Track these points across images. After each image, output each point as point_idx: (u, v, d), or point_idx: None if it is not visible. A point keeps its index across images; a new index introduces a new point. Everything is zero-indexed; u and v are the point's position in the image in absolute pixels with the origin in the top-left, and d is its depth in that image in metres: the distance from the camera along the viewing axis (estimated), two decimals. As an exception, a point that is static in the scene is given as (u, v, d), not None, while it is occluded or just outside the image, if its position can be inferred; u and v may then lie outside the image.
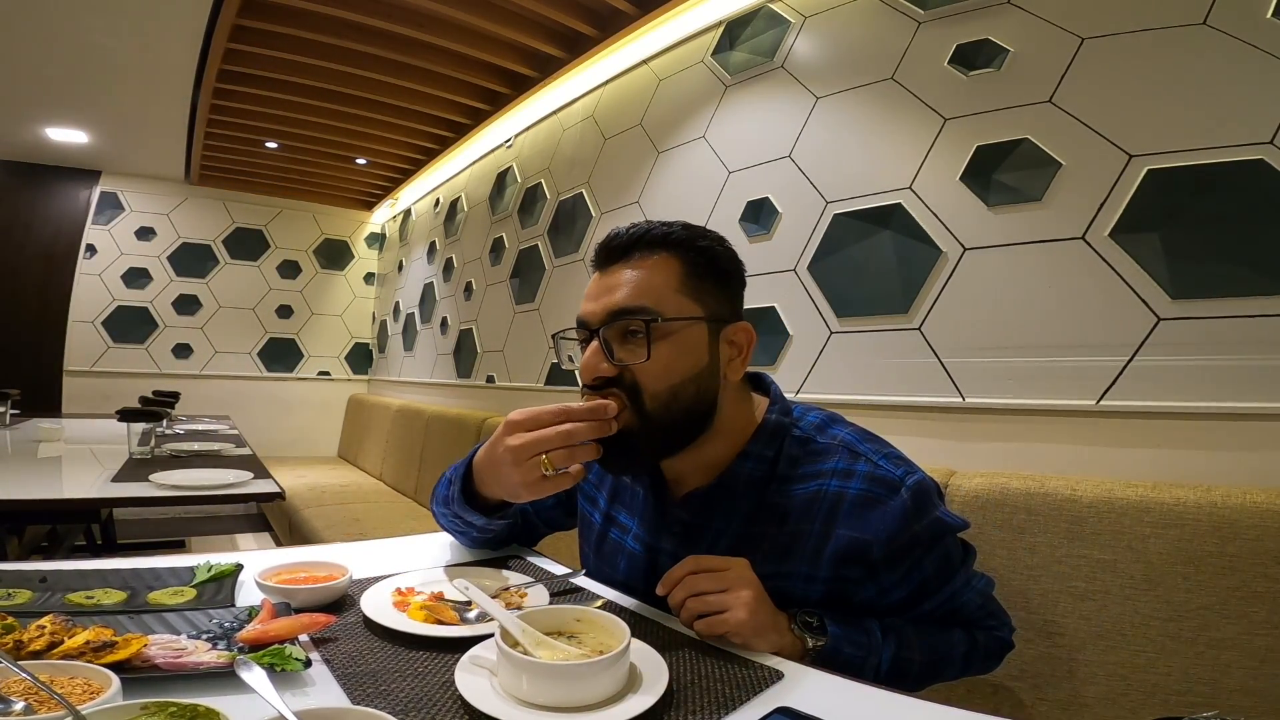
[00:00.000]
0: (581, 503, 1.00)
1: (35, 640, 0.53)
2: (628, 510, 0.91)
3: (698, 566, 0.72)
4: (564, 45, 2.62)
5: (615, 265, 0.79)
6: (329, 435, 4.95)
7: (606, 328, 0.76)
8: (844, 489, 0.75)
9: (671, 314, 0.75)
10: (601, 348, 0.75)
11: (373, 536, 1.20)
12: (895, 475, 0.75)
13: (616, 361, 0.75)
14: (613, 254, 0.79)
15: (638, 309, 0.74)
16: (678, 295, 0.76)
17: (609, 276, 0.78)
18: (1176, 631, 0.94)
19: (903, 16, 1.64)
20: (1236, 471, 1.06)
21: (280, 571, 0.77)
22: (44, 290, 4.12)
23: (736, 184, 2.01)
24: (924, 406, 1.47)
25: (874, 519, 0.73)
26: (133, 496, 1.66)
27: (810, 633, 0.71)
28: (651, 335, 0.73)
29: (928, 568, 0.76)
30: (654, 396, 0.74)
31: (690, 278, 0.77)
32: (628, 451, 0.76)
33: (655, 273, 0.76)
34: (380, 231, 5.26)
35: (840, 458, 0.78)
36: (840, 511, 0.75)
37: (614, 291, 0.76)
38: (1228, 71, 1.12)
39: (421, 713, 0.51)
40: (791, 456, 0.80)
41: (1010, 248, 1.37)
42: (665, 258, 0.77)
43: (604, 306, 0.76)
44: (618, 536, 0.91)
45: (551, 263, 2.89)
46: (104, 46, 2.63)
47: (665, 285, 0.76)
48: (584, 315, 0.79)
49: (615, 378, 0.75)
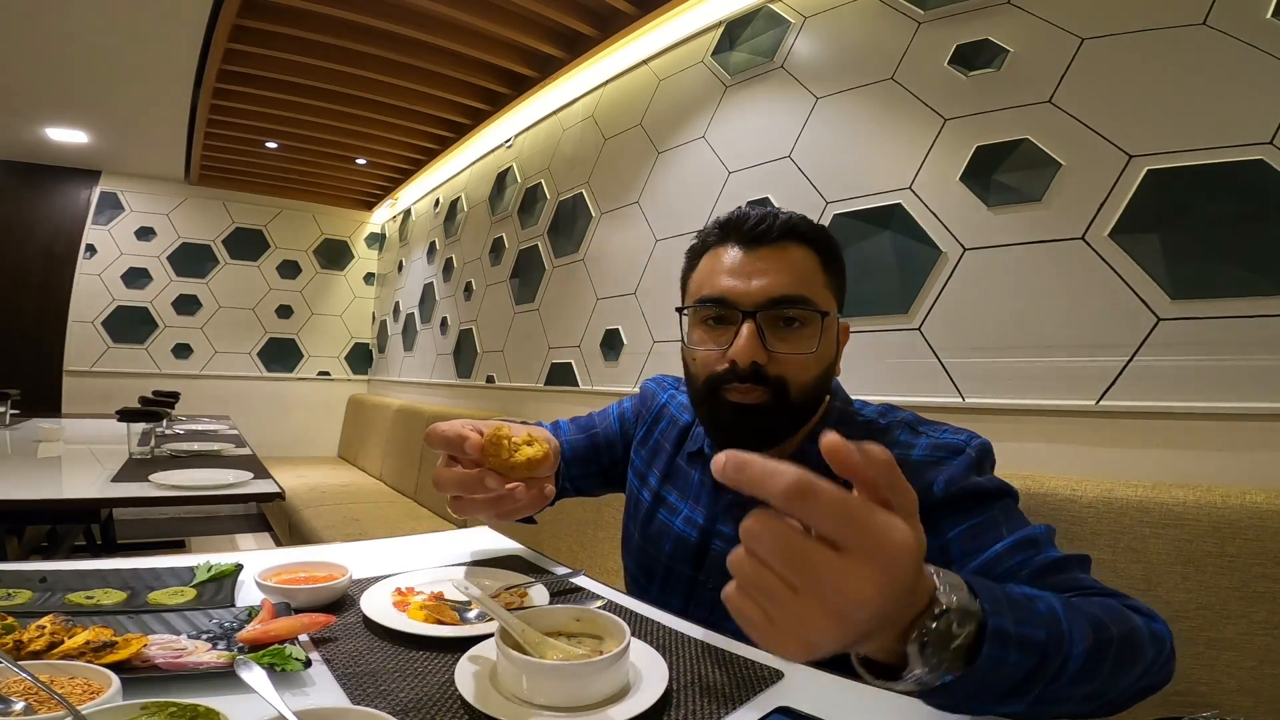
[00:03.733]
0: (631, 479, 1.00)
1: (35, 640, 0.53)
2: (679, 492, 0.91)
3: (770, 539, 0.38)
4: (564, 45, 2.62)
5: (764, 248, 0.76)
6: (329, 435, 4.95)
7: (765, 312, 0.74)
8: (906, 454, 0.75)
9: (825, 307, 0.76)
10: (758, 333, 0.73)
11: (373, 536, 1.20)
12: (959, 440, 0.75)
13: (770, 349, 0.74)
14: (764, 236, 0.77)
15: (800, 298, 0.74)
16: (824, 289, 0.77)
17: (759, 259, 0.76)
18: (1176, 631, 0.93)
19: (902, 17, 1.64)
20: (1236, 471, 1.06)
21: (280, 571, 0.77)
22: (44, 290, 4.12)
23: (736, 184, 2.01)
24: (924, 406, 1.47)
25: (936, 471, 0.72)
26: (133, 496, 1.66)
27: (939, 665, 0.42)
28: (823, 328, 0.74)
29: (995, 511, 0.69)
30: (801, 387, 0.75)
31: (826, 271, 0.78)
32: (761, 437, 0.76)
33: (805, 263, 0.76)
34: (380, 231, 5.26)
35: (902, 432, 0.78)
36: (904, 473, 0.68)
37: (769, 275, 0.75)
38: (1228, 71, 1.12)
39: (421, 713, 0.51)
40: (855, 438, 0.76)
41: (1010, 248, 1.37)
42: (809, 251, 0.77)
43: (763, 291, 0.74)
44: (665, 517, 0.90)
45: (551, 263, 2.89)
46: (104, 46, 2.63)
47: (815, 277, 0.77)
48: (733, 295, 0.76)
49: (763, 366, 0.74)
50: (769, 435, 0.77)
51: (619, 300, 2.44)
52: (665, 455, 0.95)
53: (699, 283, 0.81)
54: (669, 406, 1.00)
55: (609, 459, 1.04)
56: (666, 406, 1.00)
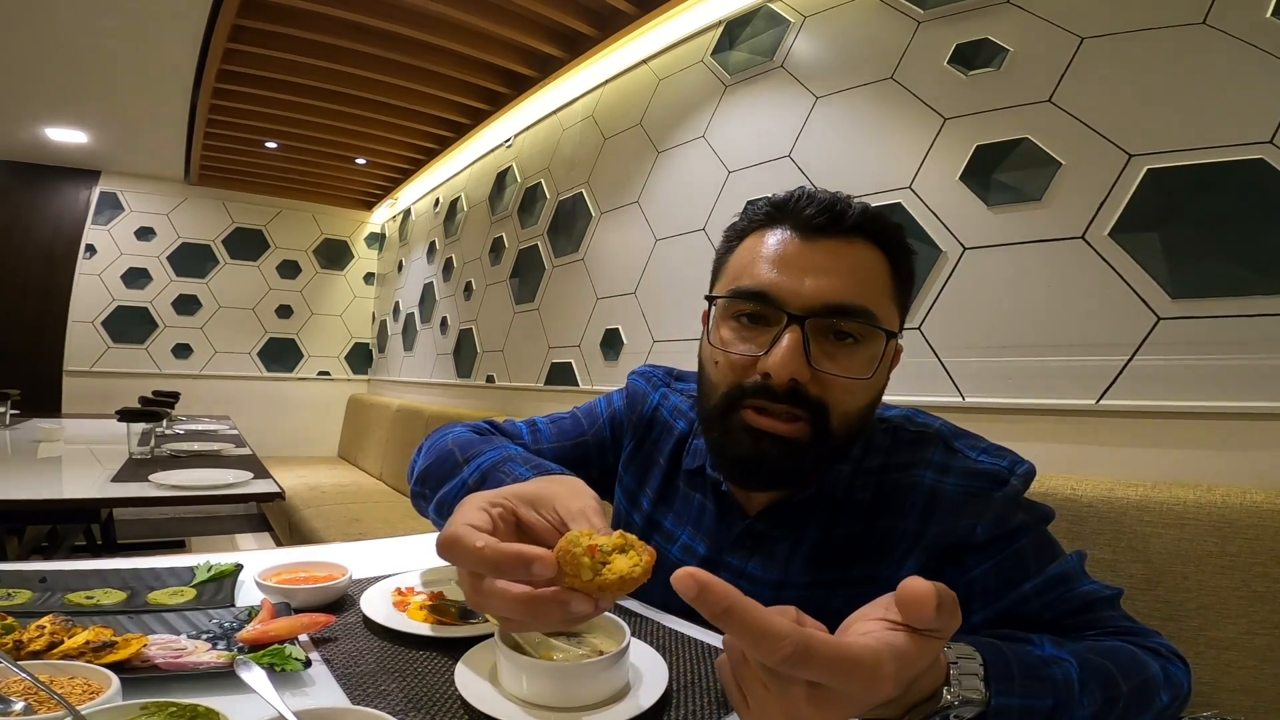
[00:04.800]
0: (620, 498, 0.87)
1: (35, 640, 0.53)
2: (675, 515, 0.80)
3: (797, 655, 0.35)
4: (564, 45, 2.62)
5: (830, 240, 0.62)
6: (329, 435, 4.95)
7: (816, 320, 0.60)
8: (939, 483, 0.64)
9: (888, 324, 0.62)
10: (803, 345, 0.60)
11: (373, 536, 1.20)
12: (1002, 466, 0.64)
13: (814, 366, 0.60)
14: (830, 226, 0.62)
15: (862, 311, 0.60)
16: (890, 303, 0.63)
17: (818, 252, 0.62)
18: (1176, 631, 0.94)
19: (902, 16, 1.64)
20: (1236, 471, 1.06)
21: (280, 571, 0.77)
22: (44, 290, 4.12)
23: (736, 184, 2.01)
24: (924, 406, 1.46)
25: (978, 510, 0.62)
26: (133, 496, 1.66)
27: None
28: (885, 350, 0.61)
29: (1025, 544, 0.62)
30: (844, 417, 0.62)
31: (895, 283, 0.64)
32: (788, 473, 0.63)
33: (874, 269, 0.63)
34: (380, 231, 5.26)
35: (936, 449, 0.67)
36: (937, 509, 0.63)
37: (829, 276, 0.61)
38: (1228, 71, 1.12)
39: (421, 713, 0.51)
40: (880, 447, 0.69)
41: (1010, 247, 1.37)
42: (879, 253, 0.64)
43: (819, 293, 0.60)
44: (660, 544, 0.80)
45: (551, 262, 2.89)
46: (104, 46, 2.63)
47: (882, 288, 0.63)
48: (779, 291, 0.61)
49: (802, 385, 0.60)
50: (798, 473, 0.64)
51: (619, 300, 2.44)
52: (659, 473, 0.83)
53: (737, 269, 0.66)
54: (660, 409, 0.86)
55: (599, 470, 0.89)
56: (658, 409, 0.86)
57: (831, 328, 0.61)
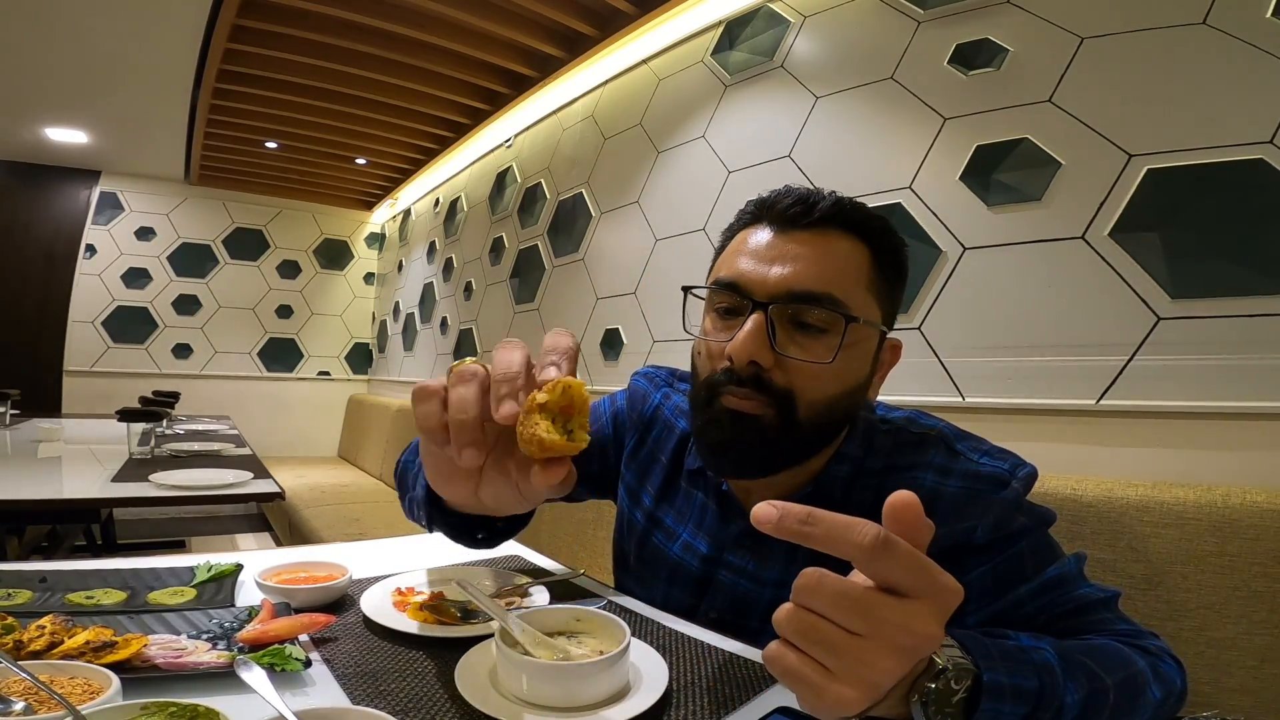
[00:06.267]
0: (622, 496, 0.89)
1: (35, 640, 0.53)
2: (676, 513, 0.81)
3: (831, 591, 0.39)
4: (564, 45, 2.62)
5: (801, 231, 0.65)
6: (329, 435, 4.95)
7: (780, 306, 0.63)
8: (941, 485, 0.65)
9: (859, 313, 0.63)
10: (766, 330, 0.62)
11: (373, 536, 1.20)
12: (1003, 469, 0.65)
13: (778, 351, 0.62)
14: (803, 217, 0.65)
15: (827, 297, 0.62)
16: (865, 293, 0.65)
17: (791, 242, 0.65)
18: (1176, 631, 0.94)
19: (902, 16, 1.64)
20: (1236, 471, 1.06)
21: (280, 571, 0.77)
22: (44, 290, 4.12)
23: (736, 184, 2.01)
24: (924, 406, 1.46)
25: (978, 512, 0.63)
26: (133, 496, 1.66)
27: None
28: (845, 336, 0.62)
29: (1023, 546, 0.64)
30: (811, 405, 0.63)
31: (876, 274, 0.66)
32: (755, 457, 0.64)
33: (849, 259, 0.65)
34: (380, 231, 5.26)
35: (938, 451, 0.68)
36: (937, 511, 0.61)
37: (797, 264, 0.63)
38: (1228, 71, 1.12)
39: (421, 713, 0.51)
40: (882, 449, 0.71)
41: (1010, 247, 1.37)
42: (858, 244, 0.65)
43: (783, 281, 0.63)
44: (661, 541, 0.81)
45: (551, 263, 2.89)
46: (104, 46, 2.63)
47: (856, 277, 0.65)
48: (747, 280, 0.64)
49: (766, 370, 0.62)
50: (764, 458, 0.65)
51: (619, 300, 2.44)
52: (660, 471, 0.84)
53: (720, 264, 0.70)
54: (662, 409, 0.88)
55: (599, 466, 0.91)
56: (659, 409, 0.88)
57: (798, 314, 0.63)
